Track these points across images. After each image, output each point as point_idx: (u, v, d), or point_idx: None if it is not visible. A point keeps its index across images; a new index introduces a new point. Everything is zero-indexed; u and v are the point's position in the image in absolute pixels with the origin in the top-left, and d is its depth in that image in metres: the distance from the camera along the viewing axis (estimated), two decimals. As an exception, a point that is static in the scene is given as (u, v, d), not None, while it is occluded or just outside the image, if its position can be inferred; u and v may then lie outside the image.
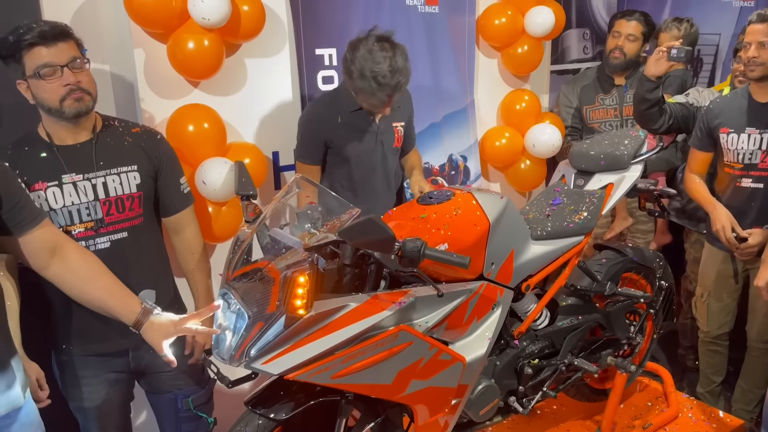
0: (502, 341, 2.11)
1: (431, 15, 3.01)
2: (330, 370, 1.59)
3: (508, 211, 1.98)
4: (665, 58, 2.64)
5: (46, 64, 1.70)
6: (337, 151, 2.44)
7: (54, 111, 1.75)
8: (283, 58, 2.63)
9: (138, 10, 2.15)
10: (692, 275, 3.14)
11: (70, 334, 1.90)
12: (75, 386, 1.93)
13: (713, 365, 2.91)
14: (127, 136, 1.92)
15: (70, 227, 1.81)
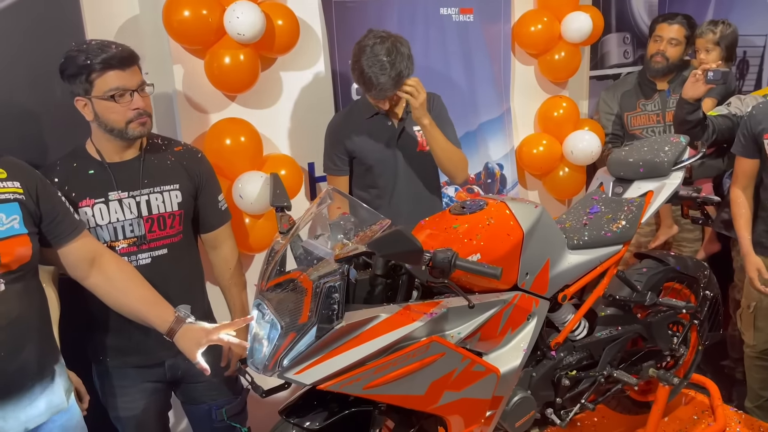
0: (538, 352, 2.08)
1: (466, 23, 3.01)
2: (362, 380, 1.59)
3: (543, 220, 1.96)
4: (702, 81, 2.57)
5: (119, 87, 1.75)
6: (360, 160, 2.46)
7: (117, 132, 1.81)
8: (318, 71, 2.66)
9: (177, 28, 2.21)
10: (740, 284, 3.03)
11: (109, 346, 1.96)
12: (114, 396, 1.98)
13: (761, 380, 2.80)
14: (170, 154, 1.97)
15: (114, 243, 1.87)
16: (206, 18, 2.21)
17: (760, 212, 2.61)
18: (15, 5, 2.11)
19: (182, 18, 2.19)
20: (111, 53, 1.73)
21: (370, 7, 2.69)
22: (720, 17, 3.29)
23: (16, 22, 2.09)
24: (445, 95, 2.62)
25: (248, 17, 2.18)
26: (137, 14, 2.34)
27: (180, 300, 1.98)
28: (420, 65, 2.84)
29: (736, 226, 2.63)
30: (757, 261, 2.52)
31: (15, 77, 2.09)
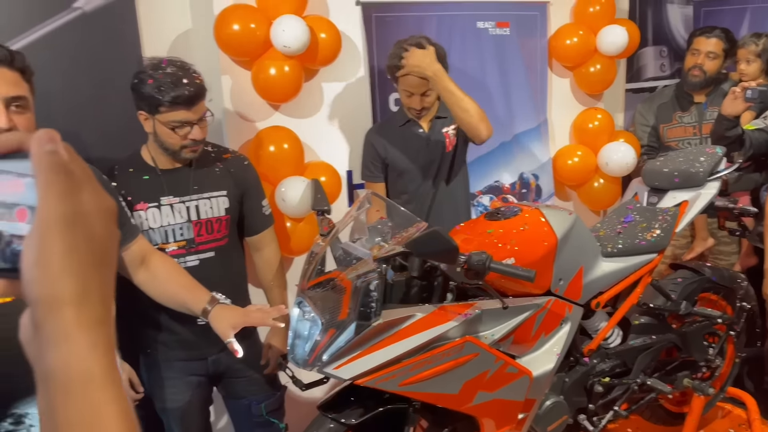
0: (571, 358, 2.11)
1: (502, 37, 3.07)
2: (398, 377, 1.65)
3: (577, 227, 1.99)
4: (741, 99, 2.58)
5: (182, 121, 1.85)
6: (392, 166, 2.55)
7: (170, 152, 1.92)
8: (357, 82, 2.76)
9: (226, 41, 2.33)
10: (779, 297, 2.99)
11: (156, 340, 2.05)
12: (160, 387, 2.07)
13: (802, 394, 2.76)
14: (219, 162, 2.07)
15: (165, 245, 1.97)
16: (254, 31, 2.33)
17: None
18: (77, 19, 2.26)
19: (232, 31, 2.31)
20: (181, 92, 1.81)
21: (408, 21, 2.78)
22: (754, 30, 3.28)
23: (78, 35, 2.24)
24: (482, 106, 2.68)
25: (293, 30, 2.28)
26: (190, 28, 2.48)
27: (225, 299, 2.08)
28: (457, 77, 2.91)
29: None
30: None
31: (76, 87, 2.22)
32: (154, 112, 1.84)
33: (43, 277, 0.44)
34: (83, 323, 0.45)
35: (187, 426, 2.11)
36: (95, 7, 2.28)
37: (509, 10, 3.07)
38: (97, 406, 0.44)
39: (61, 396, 0.44)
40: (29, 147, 0.46)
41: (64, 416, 0.44)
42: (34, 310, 0.45)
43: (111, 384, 0.45)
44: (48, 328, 0.44)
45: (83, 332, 0.45)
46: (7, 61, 1.36)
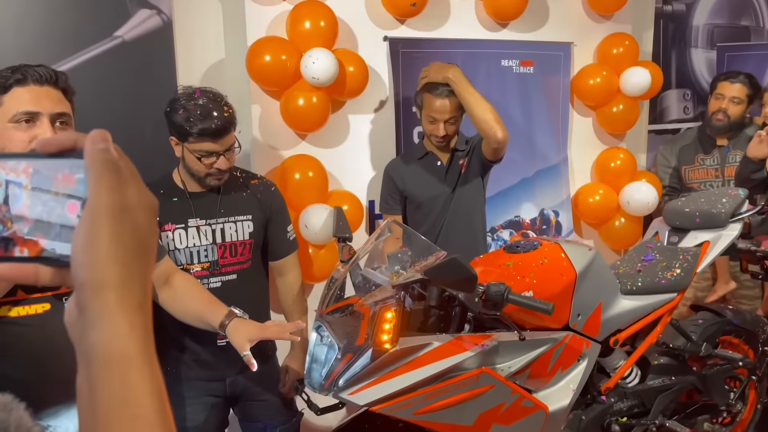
0: (588, 396, 2.09)
1: (526, 75, 3.13)
2: (413, 405, 1.65)
3: (597, 262, 2.00)
4: (767, 142, 2.60)
5: (208, 151, 1.91)
6: (410, 198, 2.58)
7: (195, 177, 1.98)
8: (383, 115, 2.82)
9: (258, 71, 2.41)
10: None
11: (176, 359, 2.07)
12: (178, 406, 2.08)
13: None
14: (247, 187, 2.13)
15: (189, 266, 2.01)
16: (285, 62, 2.41)
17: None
18: (117, 47, 2.37)
19: (263, 62, 2.39)
20: (209, 125, 1.87)
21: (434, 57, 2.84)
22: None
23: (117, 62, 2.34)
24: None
25: (323, 63, 2.35)
26: (223, 58, 2.57)
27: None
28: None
29: None
30: None
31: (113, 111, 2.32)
32: (184, 140, 1.91)
33: (90, 261, 0.48)
34: (124, 306, 0.49)
35: (202, 446, 2.13)
36: (134, 36, 2.39)
37: (534, 49, 3.13)
38: (134, 384, 0.48)
39: (100, 372, 0.48)
40: (83, 145, 0.51)
41: (102, 392, 0.47)
42: (79, 293, 0.49)
43: (147, 364, 0.50)
44: (92, 309, 0.48)
45: (124, 314, 0.49)
46: (52, 80, 1.44)
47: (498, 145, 2.38)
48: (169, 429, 0.49)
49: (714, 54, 3.86)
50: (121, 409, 0.47)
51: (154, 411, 0.49)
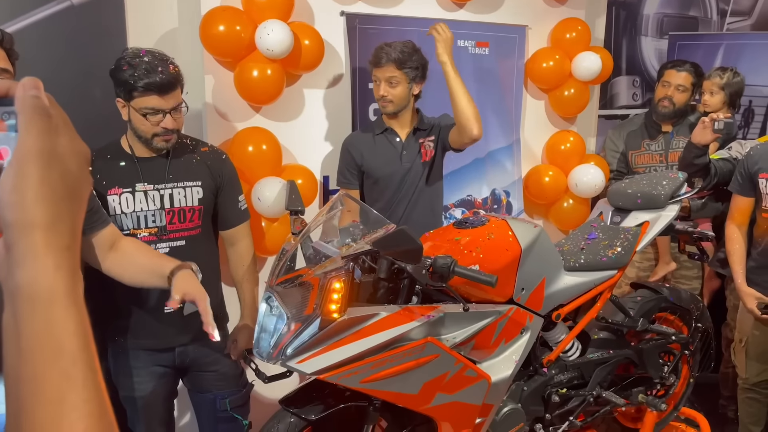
0: (530, 368, 2.16)
1: (481, 56, 3.17)
2: (359, 374, 1.68)
3: (542, 239, 2.06)
4: (710, 129, 2.70)
5: (153, 108, 1.89)
6: (368, 174, 2.60)
7: (143, 139, 1.96)
8: (339, 90, 2.82)
9: (211, 40, 2.38)
10: (732, 323, 3.10)
11: (123, 328, 2.05)
12: (125, 376, 2.08)
13: (752, 414, 2.85)
14: (197, 154, 2.11)
15: (137, 231, 2.00)
16: (239, 33, 2.38)
17: (752, 249, 2.72)
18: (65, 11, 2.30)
19: (217, 32, 2.36)
20: (154, 79, 1.85)
21: (390, 34, 2.85)
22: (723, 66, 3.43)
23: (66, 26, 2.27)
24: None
25: (278, 35, 2.34)
26: (176, 27, 2.53)
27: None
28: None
29: (730, 261, 2.73)
30: (753, 291, 2.60)
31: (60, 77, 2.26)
32: (129, 98, 1.88)
33: (18, 202, 0.50)
34: (51, 246, 0.50)
35: (150, 416, 2.12)
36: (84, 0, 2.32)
37: (490, 31, 3.18)
38: (57, 321, 0.49)
39: (25, 309, 0.49)
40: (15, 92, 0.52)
41: (26, 328, 0.49)
42: (7, 233, 0.50)
43: (72, 304, 0.51)
44: (19, 248, 0.50)
45: (50, 254, 0.50)
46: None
47: (470, 142, 2.47)
48: (92, 367, 0.50)
49: (662, 43, 3.98)
50: (44, 345, 0.48)
51: (78, 348, 0.49)
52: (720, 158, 2.96)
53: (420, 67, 2.48)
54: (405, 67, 2.43)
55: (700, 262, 3.31)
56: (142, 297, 2.01)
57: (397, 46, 2.43)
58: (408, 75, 2.44)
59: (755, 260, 2.71)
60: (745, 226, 2.73)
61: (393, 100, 2.48)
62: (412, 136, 2.58)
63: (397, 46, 2.42)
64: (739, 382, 2.89)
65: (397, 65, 2.42)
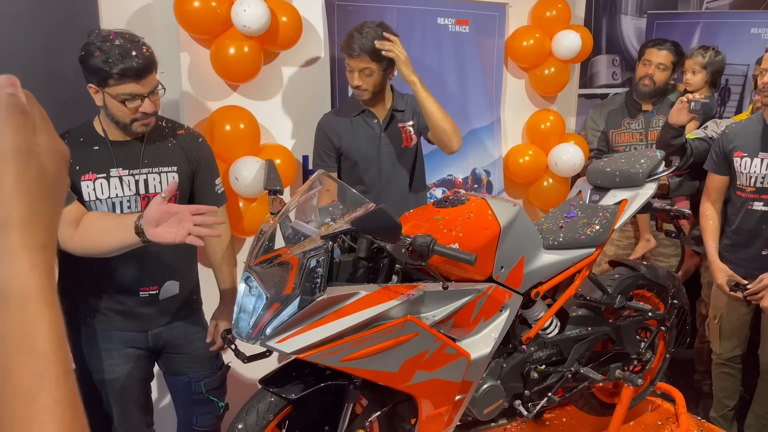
0: (510, 345, 2.18)
1: (461, 34, 3.15)
2: (339, 353, 1.69)
3: (521, 218, 2.07)
4: (687, 109, 2.72)
5: (131, 94, 1.84)
6: (346, 156, 2.58)
7: (121, 125, 1.91)
8: (317, 69, 2.79)
9: (186, 17, 2.34)
10: (706, 299, 3.15)
11: (96, 309, 2.03)
12: (99, 358, 2.06)
13: (726, 388, 2.92)
14: (172, 137, 2.07)
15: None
16: (215, 9, 2.34)
17: (726, 227, 2.76)
18: (34, -13, 2.23)
19: (192, 8, 2.32)
20: (130, 64, 1.80)
21: (369, 12, 2.82)
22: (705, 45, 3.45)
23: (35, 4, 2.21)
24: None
25: (254, 11, 2.30)
26: (150, 3, 2.47)
27: (171, 276, 2.09)
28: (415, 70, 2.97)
29: (704, 237, 2.77)
30: (724, 267, 2.65)
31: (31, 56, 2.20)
32: (103, 85, 1.83)
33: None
34: (27, 245, 0.49)
35: (126, 399, 2.11)
36: (53, -24, 2.26)
37: (469, 8, 3.15)
38: (31, 321, 0.49)
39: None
40: None
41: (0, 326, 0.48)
42: None
43: (46, 304, 0.50)
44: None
45: (26, 253, 0.49)
46: None
47: (451, 153, 2.50)
48: (66, 368, 0.50)
49: (642, 21, 3.99)
50: (17, 344, 0.48)
51: (51, 348, 0.49)
52: (696, 138, 2.99)
53: None
54: (381, 59, 2.38)
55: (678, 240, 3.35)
56: (117, 279, 1.99)
57: (369, 33, 2.35)
58: (382, 65, 2.40)
59: (729, 238, 2.75)
60: (720, 203, 2.78)
61: (368, 89, 2.45)
62: (390, 119, 2.56)
63: (369, 34, 2.35)
64: (713, 358, 2.95)
65: (370, 56, 2.36)
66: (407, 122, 2.60)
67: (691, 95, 2.74)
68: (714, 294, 2.87)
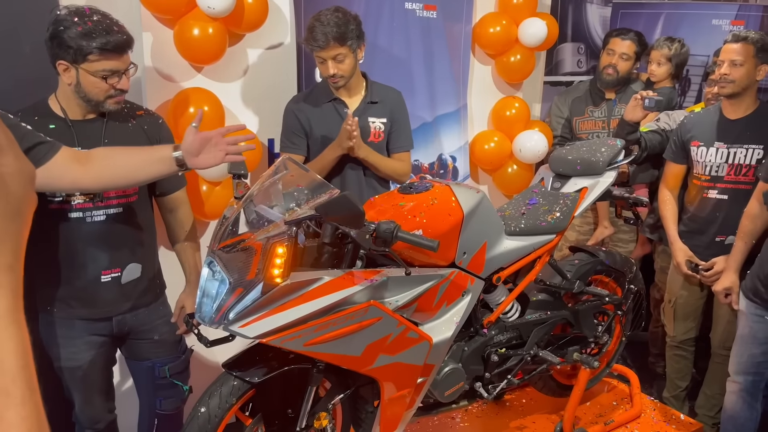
0: (471, 329, 2.22)
1: (429, 20, 3.15)
2: (302, 337, 1.70)
3: (483, 204, 2.10)
4: (641, 106, 2.77)
5: (112, 69, 1.83)
6: (314, 141, 2.57)
7: (93, 102, 1.88)
8: (284, 51, 2.76)
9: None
10: (660, 284, 3.26)
11: (57, 297, 2.00)
12: (59, 346, 2.03)
13: (678, 370, 3.03)
14: (132, 118, 2.04)
15: (70, 197, 1.92)
16: (178, -11, 2.29)
17: (682, 215, 2.85)
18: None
19: (155, -13, 2.27)
20: (113, 39, 1.79)
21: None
22: (667, 35, 3.52)
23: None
24: (405, 87, 2.77)
25: (219, -8, 2.26)
26: (111, -20, 2.40)
27: (132, 258, 2.07)
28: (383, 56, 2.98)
29: (664, 221, 2.85)
30: (684, 248, 2.74)
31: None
32: (80, 61, 1.79)
33: None
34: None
35: (87, 386, 2.09)
36: (9, -51, 2.18)
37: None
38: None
39: None
40: None
41: None
42: None
43: (13, 323, 0.50)
44: None
45: None
46: None
47: None
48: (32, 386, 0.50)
49: (607, 10, 4.04)
50: None
51: (17, 366, 0.50)
52: (649, 130, 3.06)
53: (359, 31, 2.42)
54: (348, 40, 2.37)
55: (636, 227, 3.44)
56: (77, 265, 1.96)
57: (331, 20, 2.34)
58: (352, 46, 2.40)
59: (685, 224, 2.84)
60: (677, 190, 2.86)
61: (344, 75, 2.45)
62: (362, 110, 2.55)
63: (331, 21, 2.33)
64: (667, 340, 3.06)
65: (340, 42, 2.35)
66: (379, 119, 2.60)
67: (645, 92, 2.80)
68: (670, 278, 2.96)
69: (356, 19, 2.43)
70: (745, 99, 2.60)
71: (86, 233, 1.96)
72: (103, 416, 2.17)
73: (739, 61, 2.50)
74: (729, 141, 2.63)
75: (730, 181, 2.66)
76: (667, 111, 3.24)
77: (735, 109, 2.62)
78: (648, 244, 3.51)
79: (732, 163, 2.64)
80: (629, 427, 2.65)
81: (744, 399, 2.50)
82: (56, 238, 1.95)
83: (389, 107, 2.62)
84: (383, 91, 2.61)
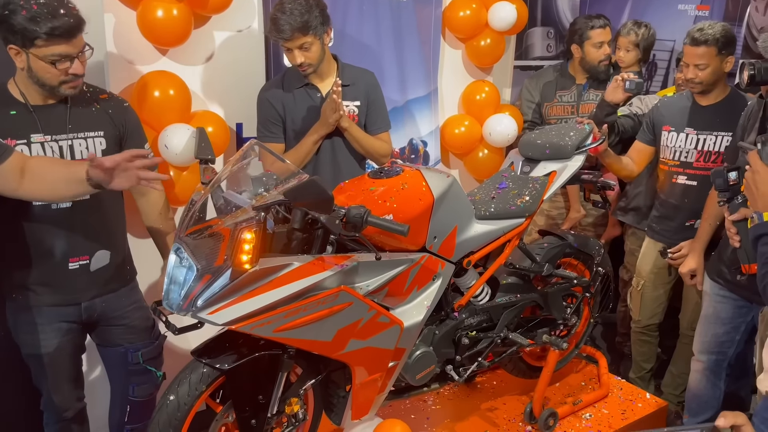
0: (442, 313, 2.23)
1: (399, 3, 3.12)
2: (272, 323, 1.69)
3: (454, 189, 2.10)
4: (622, 88, 2.80)
5: (62, 54, 1.76)
6: (290, 127, 2.55)
7: (47, 88, 1.82)
8: (251, 34, 2.71)
9: (110, -24, 2.22)
10: (628, 265, 3.31)
11: (24, 284, 1.97)
12: (27, 333, 2.00)
13: (643, 353, 3.10)
14: (96, 102, 1.99)
15: None
16: (141, -31, 2.23)
17: (654, 200, 2.90)
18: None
19: (116, -34, 2.20)
20: (60, 23, 1.73)
21: (307, -23, 2.75)
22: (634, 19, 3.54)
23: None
24: (376, 70, 2.74)
25: (183, -28, 2.21)
26: (69, -41, 2.32)
27: (101, 245, 2.03)
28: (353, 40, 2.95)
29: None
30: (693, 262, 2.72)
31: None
32: (29, 45, 1.74)
33: None
34: None
35: (56, 373, 2.06)
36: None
37: (407, -24, 3.13)
38: None
39: None
40: None
41: None
42: None
43: None
44: None
45: None
46: None
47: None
48: None
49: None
50: None
51: None
52: (622, 115, 3.09)
53: (323, 16, 2.39)
54: (311, 28, 2.34)
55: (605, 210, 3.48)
56: (45, 251, 1.92)
57: (294, 9, 2.30)
58: (317, 33, 2.37)
59: (657, 210, 2.88)
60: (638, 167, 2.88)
61: (312, 62, 2.42)
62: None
63: (294, 10, 2.30)
64: (632, 325, 3.11)
65: (303, 32, 2.32)
66: (352, 102, 2.58)
67: (626, 74, 2.82)
68: (639, 263, 3.01)
69: (319, 4, 2.39)
70: (715, 89, 2.64)
71: (51, 220, 1.92)
72: (71, 404, 2.14)
73: (703, 65, 2.54)
74: (699, 127, 2.67)
75: (699, 167, 2.69)
76: (639, 96, 3.27)
77: (706, 96, 2.66)
78: (618, 226, 3.56)
79: (701, 149, 2.68)
80: (597, 406, 2.70)
81: (708, 378, 2.56)
82: (20, 226, 1.91)
83: (363, 89, 2.60)
84: (355, 73, 2.59)
